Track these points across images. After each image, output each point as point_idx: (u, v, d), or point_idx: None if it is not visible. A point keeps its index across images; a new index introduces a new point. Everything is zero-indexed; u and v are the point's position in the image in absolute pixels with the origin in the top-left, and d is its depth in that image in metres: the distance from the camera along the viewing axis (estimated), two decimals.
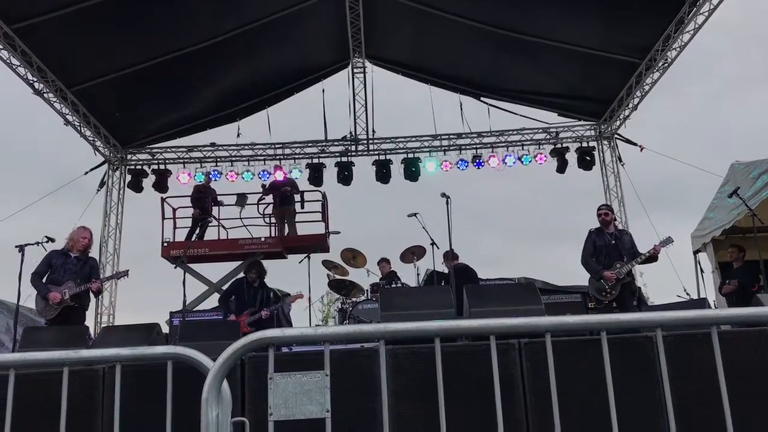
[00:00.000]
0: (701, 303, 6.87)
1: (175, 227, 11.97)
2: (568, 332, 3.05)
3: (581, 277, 7.22)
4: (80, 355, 2.42)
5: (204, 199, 12.18)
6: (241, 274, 8.70)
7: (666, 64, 10.91)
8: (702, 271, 8.70)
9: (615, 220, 7.13)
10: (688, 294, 9.49)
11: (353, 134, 13.36)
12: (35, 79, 10.41)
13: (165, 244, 11.65)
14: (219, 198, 12.43)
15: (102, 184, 13.27)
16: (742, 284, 8.33)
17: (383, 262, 10.05)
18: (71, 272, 6.59)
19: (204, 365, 2.27)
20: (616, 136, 13.37)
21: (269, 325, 7.81)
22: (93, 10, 9.12)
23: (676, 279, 10.70)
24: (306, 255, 9.65)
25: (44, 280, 6.55)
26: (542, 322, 2.23)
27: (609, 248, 6.90)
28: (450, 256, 8.83)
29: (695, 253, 9.76)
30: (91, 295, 6.75)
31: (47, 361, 2.38)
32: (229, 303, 8.31)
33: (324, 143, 13.56)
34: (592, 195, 13.89)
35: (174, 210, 12.11)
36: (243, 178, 13.21)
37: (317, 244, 10.78)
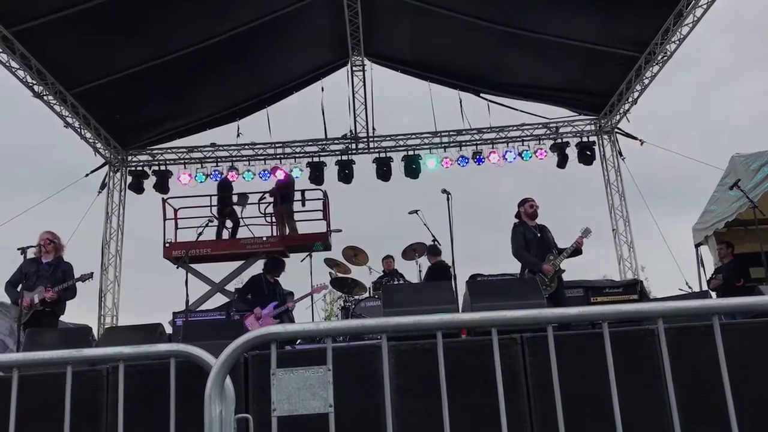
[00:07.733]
0: (703, 296, 6.87)
1: (176, 228, 11.97)
2: (569, 324, 3.04)
3: (583, 273, 7.20)
4: (83, 354, 2.43)
5: (228, 197, 12.30)
6: (259, 271, 9.11)
7: (665, 58, 10.88)
8: (704, 264, 8.69)
9: None
10: (690, 287, 9.50)
11: (353, 132, 13.34)
12: (35, 82, 10.39)
13: (167, 245, 11.65)
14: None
15: (103, 186, 13.27)
16: (726, 279, 8.50)
17: (388, 258, 10.08)
18: (43, 278, 6.85)
19: (207, 362, 2.27)
20: (616, 130, 13.35)
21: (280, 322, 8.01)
22: (91, 12, 9.11)
23: (678, 272, 10.70)
24: (308, 254, 9.68)
25: (19, 288, 6.79)
26: (543, 313, 2.24)
27: (537, 241, 6.84)
28: (431, 251, 9.03)
29: (697, 246, 9.75)
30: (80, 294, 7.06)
31: (50, 360, 2.38)
32: (247, 298, 8.81)
33: (324, 142, 13.55)
34: (593, 190, 13.89)
35: (175, 211, 12.11)
36: (244, 177, 13.20)
37: (319, 241, 10.79)
